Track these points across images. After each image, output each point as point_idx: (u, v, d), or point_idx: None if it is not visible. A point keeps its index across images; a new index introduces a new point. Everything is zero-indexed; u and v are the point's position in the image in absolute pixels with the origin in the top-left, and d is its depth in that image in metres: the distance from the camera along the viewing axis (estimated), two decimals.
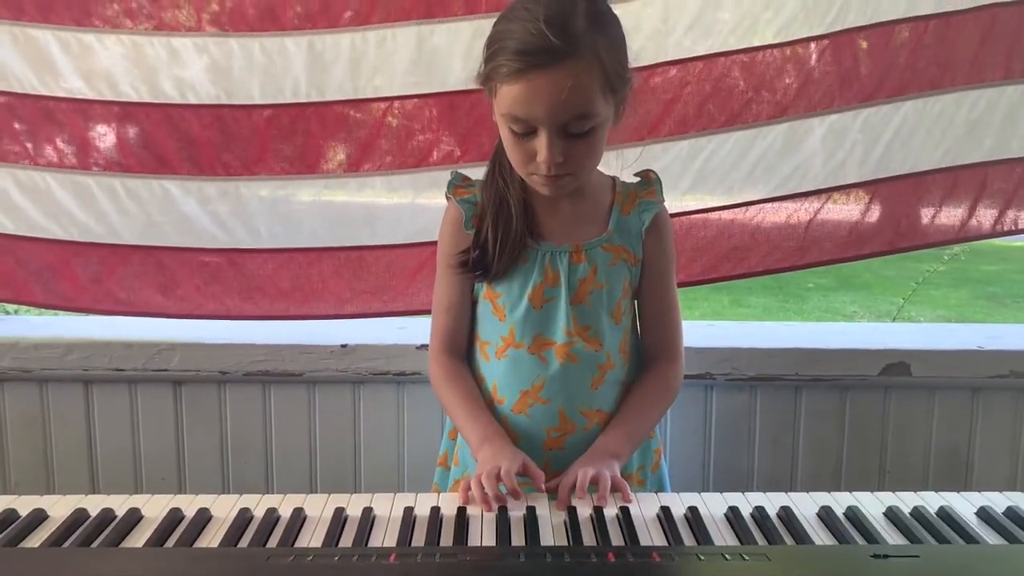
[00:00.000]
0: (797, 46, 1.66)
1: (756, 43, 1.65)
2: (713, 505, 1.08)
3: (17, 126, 1.69)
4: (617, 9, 1.18)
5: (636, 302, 1.33)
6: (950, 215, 1.74)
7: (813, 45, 1.66)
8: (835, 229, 1.71)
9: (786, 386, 1.75)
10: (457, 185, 1.31)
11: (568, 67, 1.08)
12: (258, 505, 1.07)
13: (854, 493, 1.13)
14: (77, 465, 1.75)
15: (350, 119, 1.70)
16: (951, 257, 4.74)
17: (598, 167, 1.26)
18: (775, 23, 1.65)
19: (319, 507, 1.07)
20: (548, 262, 1.25)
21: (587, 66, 1.09)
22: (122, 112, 1.68)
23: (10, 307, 3.42)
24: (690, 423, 1.77)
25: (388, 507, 1.07)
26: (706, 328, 1.93)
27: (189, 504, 1.07)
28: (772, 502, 1.09)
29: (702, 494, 1.11)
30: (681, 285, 1.66)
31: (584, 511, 1.06)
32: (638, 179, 1.33)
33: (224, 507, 1.07)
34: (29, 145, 1.69)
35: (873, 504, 1.09)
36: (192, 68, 1.66)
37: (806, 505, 1.08)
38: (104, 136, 1.70)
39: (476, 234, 1.26)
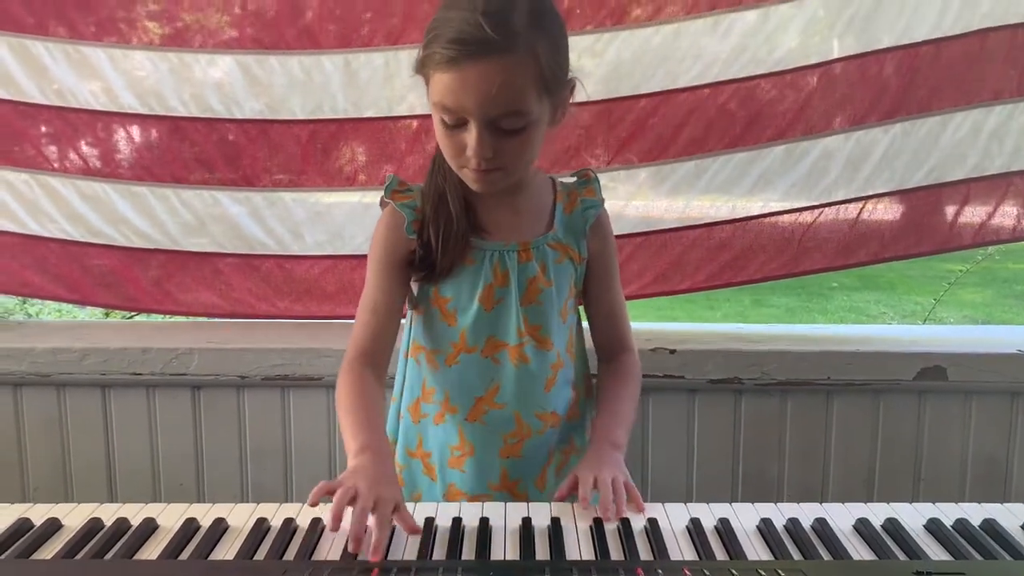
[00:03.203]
0: (795, 75, 1.78)
1: (756, 73, 1.77)
2: (745, 517, 1.05)
3: (75, 139, 1.81)
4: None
5: (584, 301, 1.33)
6: (934, 227, 1.84)
7: (810, 74, 1.78)
8: (825, 241, 1.83)
9: (817, 391, 1.72)
10: (395, 189, 1.27)
11: (502, 61, 1.06)
12: (275, 515, 1.05)
13: (892, 504, 1.09)
14: (95, 471, 1.74)
15: (385, 134, 1.80)
16: (984, 257, 4.65)
17: (534, 166, 1.24)
18: (776, 51, 1.77)
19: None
20: (496, 261, 1.23)
21: (522, 63, 1.07)
22: (172, 126, 1.80)
23: (31, 310, 3.51)
24: (718, 430, 1.74)
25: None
26: (734, 331, 1.89)
27: (205, 514, 1.05)
28: (806, 513, 1.05)
29: (733, 505, 1.08)
30: (685, 291, 1.85)
31: (610, 524, 1.03)
32: (575, 178, 1.31)
33: (241, 516, 1.05)
34: (88, 157, 1.82)
35: (912, 516, 1.05)
36: (236, 84, 1.77)
37: (842, 517, 1.05)
38: (156, 148, 1.82)
39: (419, 236, 1.23)
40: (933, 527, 1.02)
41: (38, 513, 1.04)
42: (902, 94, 1.78)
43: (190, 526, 1.02)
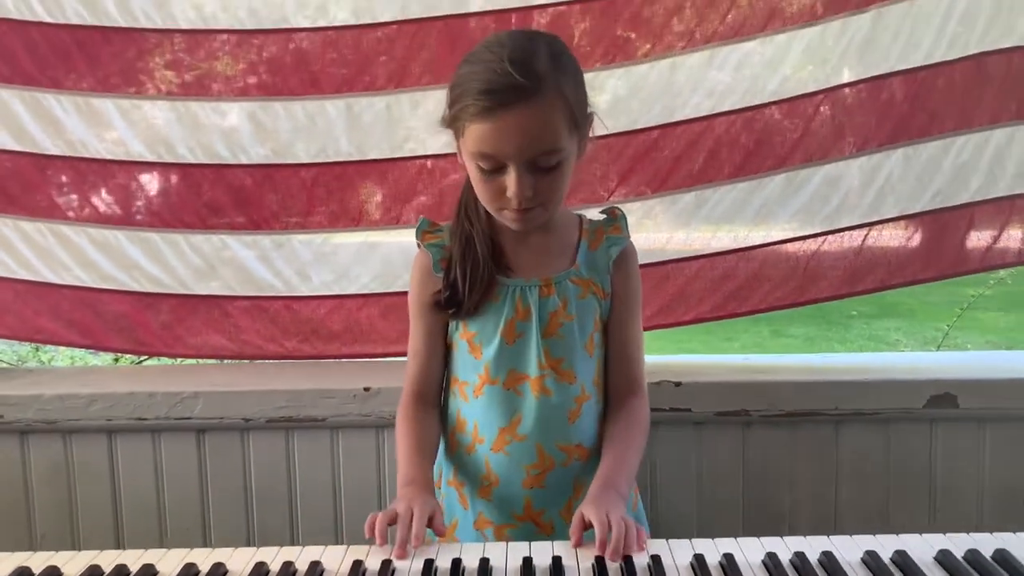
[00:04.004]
0: (796, 102, 1.79)
1: (755, 103, 1.79)
2: (750, 551, 1.04)
3: (87, 188, 1.85)
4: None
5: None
6: (940, 253, 1.83)
7: (811, 101, 1.79)
8: (830, 269, 1.83)
9: (825, 421, 1.69)
10: (425, 230, 1.33)
11: (534, 104, 1.12)
12: (275, 559, 1.05)
13: (901, 536, 1.07)
14: (102, 516, 1.74)
15: (389, 175, 1.84)
16: (997, 282, 4.61)
17: (565, 205, 1.30)
18: (773, 79, 1.78)
19: (337, 560, 1.04)
20: (519, 297, 1.27)
21: (552, 102, 1.13)
22: (180, 172, 1.84)
23: (44, 357, 3.55)
24: (726, 462, 1.71)
25: (408, 561, 1.04)
26: (741, 362, 1.88)
27: (205, 559, 1.05)
28: (812, 547, 1.04)
29: (738, 539, 1.07)
30: (690, 322, 1.85)
31: (613, 564, 1.02)
32: (604, 216, 1.35)
33: (240, 561, 1.05)
34: (99, 205, 1.86)
35: (922, 547, 1.04)
36: (242, 130, 1.82)
37: (849, 549, 1.03)
38: (164, 194, 1.86)
39: (445, 275, 1.29)
40: (943, 559, 1.00)
41: (38, 561, 1.04)
42: (902, 119, 1.79)
43: (189, 571, 1.01)
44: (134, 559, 1.04)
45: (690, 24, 1.79)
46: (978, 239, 1.82)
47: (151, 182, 1.86)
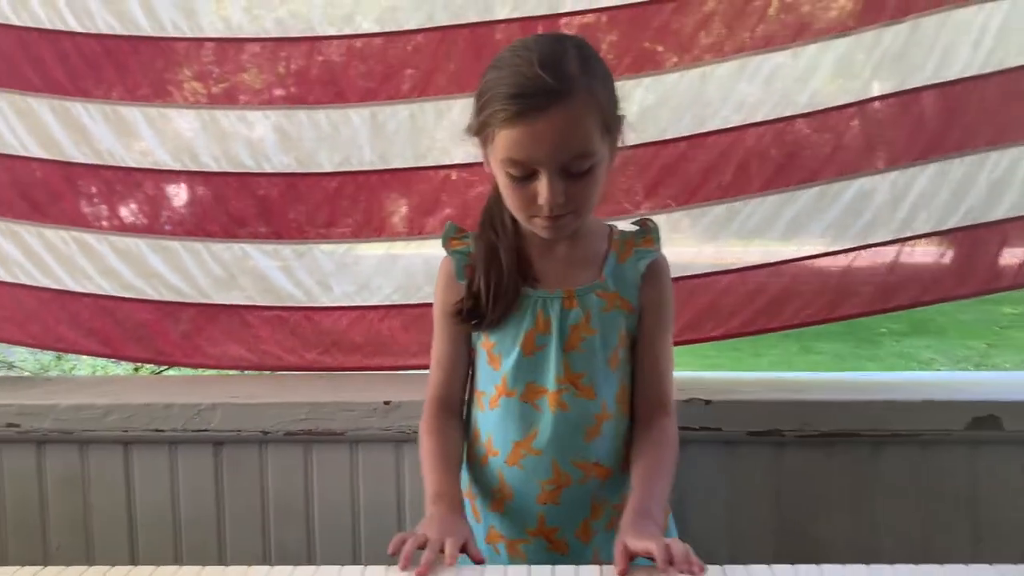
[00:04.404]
0: (827, 115, 1.77)
1: (787, 114, 1.77)
2: None
3: (108, 195, 1.86)
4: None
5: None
6: (974, 270, 1.79)
7: (842, 114, 1.77)
8: (862, 285, 1.79)
9: (862, 442, 1.62)
10: (451, 237, 1.31)
11: (566, 107, 1.10)
12: None
13: (945, 566, 1.02)
14: (117, 529, 1.71)
15: (413, 184, 1.83)
16: None
17: (594, 215, 1.28)
18: (805, 91, 1.76)
19: None
20: (540, 308, 1.24)
21: (584, 105, 1.11)
22: (203, 180, 1.84)
23: (65, 366, 3.57)
24: (758, 485, 1.65)
25: None
26: (773, 379, 1.83)
27: None
28: None
29: (772, 567, 1.03)
30: (719, 338, 1.82)
31: None
32: (636, 227, 1.32)
33: None
34: (120, 213, 1.87)
35: None
36: (266, 139, 1.82)
37: None
38: (187, 203, 1.88)
39: (468, 284, 1.26)
40: None
41: None
42: (937, 133, 1.76)
43: None
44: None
45: (719, 37, 1.77)
46: (1011, 256, 1.78)
47: (175, 191, 1.87)
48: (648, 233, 1.30)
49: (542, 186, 1.12)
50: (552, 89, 1.09)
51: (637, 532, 1.08)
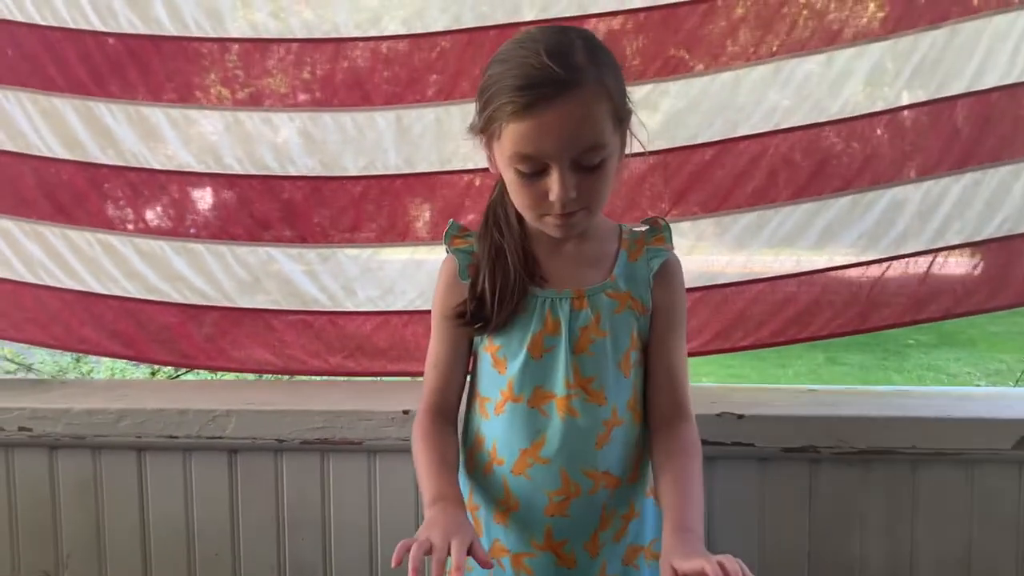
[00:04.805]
0: (861, 122, 1.75)
1: (820, 120, 1.75)
2: None
3: (133, 198, 1.86)
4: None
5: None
6: (1008, 282, 1.76)
7: (877, 121, 1.75)
8: (894, 296, 1.77)
9: (902, 461, 1.56)
10: (454, 235, 1.27)
11: (577, 97, 1.06)
12: None
13: None
14: (129, 537, 1.68)
15: (438, 189, 1.82)
16: None
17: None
18: (839, 98, 1.73)
19: None
20: (548, 309, 1.19)
21: (594, 95, 1.08)
22: (228, 183, 1.84)
23: (84, 368, 3.56)
24: (792, 504, 1.58)
25: None
26: (806, 394, 1.75)
27: None
28: None
29: None
30: (747, 348, 1.79)
31: None
32: (647, 226, 1.27)
33: None
34: (145, 215, 1.87)
35: None
36: (290, 141, 1.81)
37: None
38: (211, 206, 1.87)
39: (472, 285, 1.21)
40: None
41: None
42: (972, 143, 1.73)
43: None
44: None
45: (749, 41, 1.74)
46: None
47: (199, 193, 1.87)
48: (659, 231, 1.25)
49: (553, 182, 1.08)
50: (561, 79, 1.05)
51: (684, 551, 1.03)
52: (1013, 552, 1.56)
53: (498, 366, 1.21)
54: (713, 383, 1.87)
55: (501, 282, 1.18)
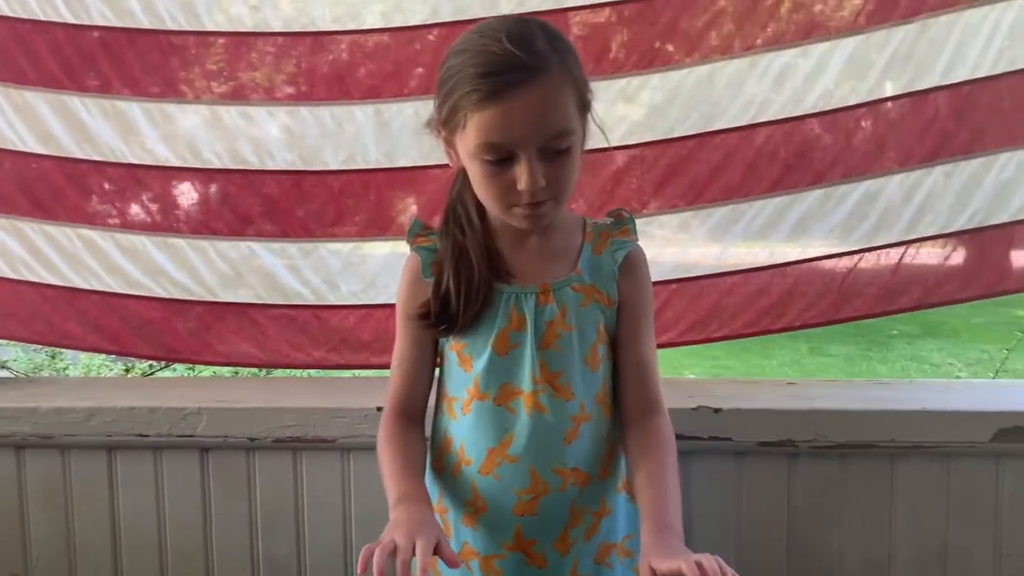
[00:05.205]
0: (834, 116, 1.76)
1: (795, 114, 1.76)
2: None
3: (111, 192, 1.85)
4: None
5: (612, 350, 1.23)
6: (979, 272, 1.80)
7: (851, 115, 1.77)
8: (866, 287, 1.79)
9: (880, 454, 1.55)
10: (417, 233, 1.25)
11: (542, 82, 1.05)
12: None
13: None
14: (100, 538, 1.65)
15: (418, 182, 1.82)
16: None
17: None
18: (814, 91, 1.75)
19: None
20: (513, 305, 1.18)
21: (559, 80, 1.07)
22: (206, 178, 1.84)
23: (58, 365, 3.52)
24: (767, 499, 1.57)
25: None
26: (785, 388, 1.75)
27: None
28: None
29: None
30: (722, 339, 1.81)
31: None
32: (611, 219, 1.26)
33: None
34: (125, 210, 1.86)
35: None
36: (269, 135, 1.81)
37: None
38: (191, 200, 1.87)
39: (436, 285, 1.19)
40: None
41: None
42: (944, 136, 1.75)
43: None
44: None
45: (728, 34, 1.75)
46: (1018, 258, 1.78)
47: (178, 187, 1.86)
48: (624, 223, 1.24)
49: (521, 171, 1.07)
50: (526, 65, 1.04)
51: (662, 550, 1.02)
52: (990, 545, 1.56)
53: (464, 364, 1.20)
54: (698, 375, 1.86)
55: (465, 281, 1.16)
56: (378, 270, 1.84)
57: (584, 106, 1.12)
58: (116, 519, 1.65)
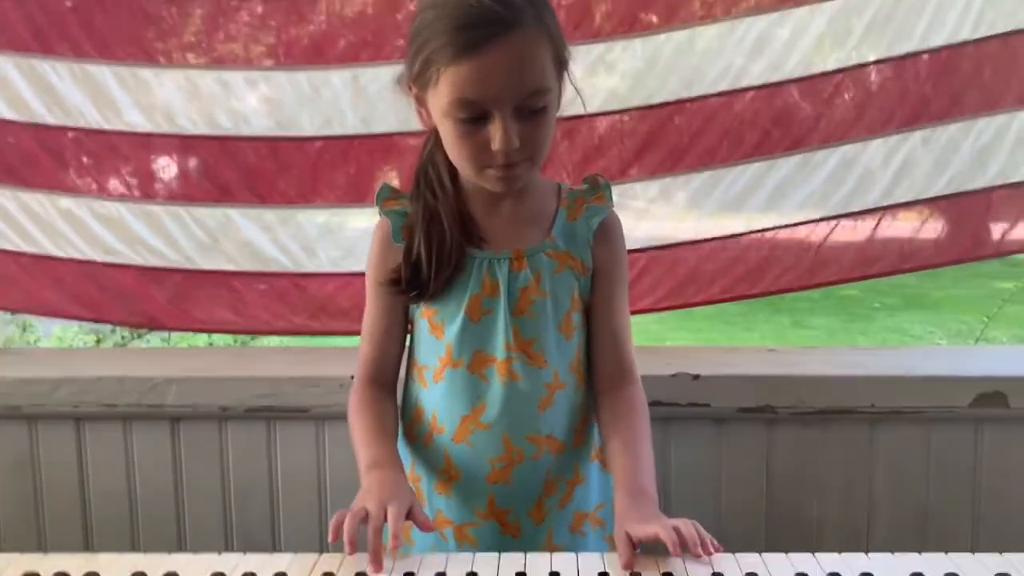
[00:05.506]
0: (812, 82, 1.75)
1: (773, 80, 1.74)
2: (778, 570, 0.93)
3: (86, 160, 1.81)
4: None
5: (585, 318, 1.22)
6: (955, 238, 1.80)
7: (830, 80, 1.75)
8: (842, 252, 1.80)
9: (860, 420, 1.55)
10: (386, 197, 1.22)
11: (519, 36, 1.02)
12: (234, 569, 0.94)
13: (952, 555, 0.95)
14: (69, 509, 1.63)
15: (396, 148, 1.79)
16: None
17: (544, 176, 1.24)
18: (792, 57, 1.73)
19: (306, 571, 0.94)
20: (486, 271, 1.15)
21: (537, 35, 1.04)
22: (182, 144, 1.81)
23: (30, 338, 3.50)
24: (746, 466, 1.57)
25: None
26: (765, 354, 1.75)
27: (156, 567, 0.94)
28: (850, 566, 0.93)
29: (763, 555, 0.95)
30: (700, 304, 1.81)
31: None
32: (586, 184, 1.23)
33: (196, 570, 0.94)
34: (99, 177, 1.82)
35: (977, 570, 0.92)
36: (245, 101, 1.78)
37: (892, 570, 0.93)
38: (167, 167, 1.84)
39: (407, 250, 1.16)
40: None
41: None
42: (924, 100, 1.74)
43: None
44: (77, 566, 0.94)
45: (708, 4, 1.73)
46: (995, 224, 1.79)
47: (152, 154, 1.83)
48: (599, 189, 1.21)
49: (496, 129, 1.03)
50: (502, 18, 1.00)
51: (637, 516, 1.01)
52: (969, 510, 1.57)
53: (435, 331, 1.17)
54: (674, 344, 1.86)
55: (437, 246, 1.14)
56: (357, 237, 1.80)
57: (561, 64, 1.08)
58: (86, 491, 1.63)
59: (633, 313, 1.34)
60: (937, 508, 1.57)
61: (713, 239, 1.80)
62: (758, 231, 1.80)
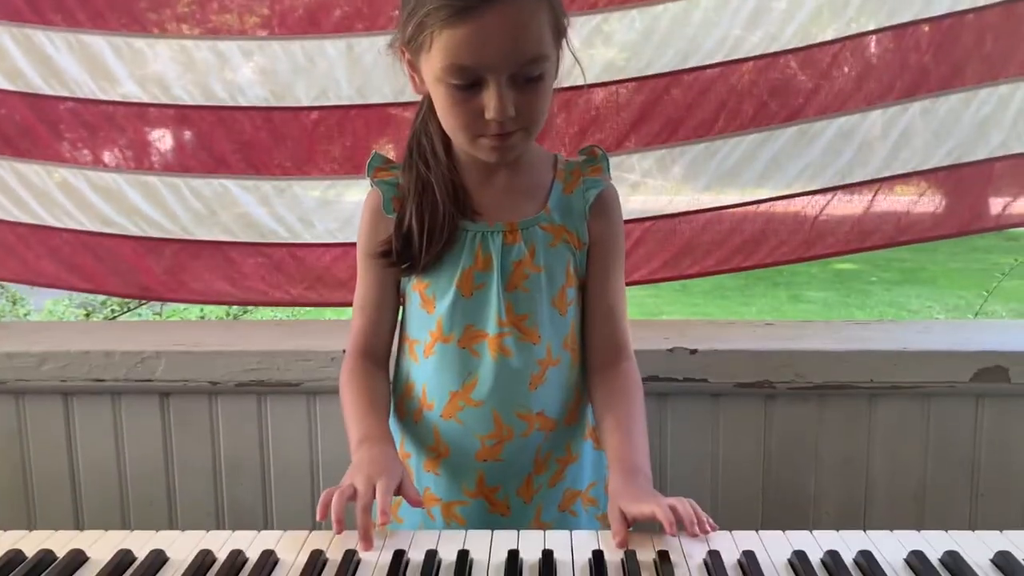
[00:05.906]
0: (810, 52, 1.74)
1: (770, 51, 1.73)
2: (774, 548, 0.91)
3: (83, 130, 1.80)
4: None
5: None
6: (953, 210, 1.78)
7: (828, 50, 1.74)
8: (839, 225, 1.79)
9: (859, 395, 1.54)
10: (377, 167, 1.19)
11: (516, 1, 0.98)
12: (222, 547, 0.92)
13: (952, 533, 0.94)
14: (58, 484, 1.61)
15: (392, 120, 1.78)
16: None
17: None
18: (790, 27, 1.71)
19: (295, 548, 0.92)
20: (479, 244, 1.12)
21: (536, 0, 1.00)
22: (178, 115, 1.80)
23: (20, 312, 3.47)
24: (744, 441, 1.56)
25: (375, 553, 0.91)
26: (763, 328, 1.72)
27: (142, 545, 0.93)
28: (848, 544, 0.92)
29: (760, 532, 0.94)
30: (695, 276, 1.82)
31: (614, 556, 0.90)
32: (583, 156, 1.20)
33: (183, 548, 0.93)
34: (95, 148, 1.82)
35: (976, 548, 0.91)
36: (240, 71, 1.77)
37: (891, 548, 0.91)
38: (163, 138, 1.83)
39: (398, 221, 1.13)
40: (1003, 562, 0.88)
41: None
42: (922, 71, 1.72)
43: (123, 560, 0.90)
44: (62, 543, 0.93)
45: None
46: (995, 197, 1.77)
47: (148, 125, 1.82)
48: (596, 161, 1.18)
49: (490, 97, 1.00)
50: None
51: (632, 495, 0.99)
52: (967, 485, 1.56)
53: (426, 305, 1.15)
54: (671, 319, 1.84)
55: (429, 218, 1.11)
56: (354, 208, 1.76)
57: (559, 32, 1.05)
58: (75, 466, 1.61)
59: (628, 284, 1.33)
60: (936, 483, 1.56)
61: (709, 210, 1.79)
62: (754, 202, 1.79)
